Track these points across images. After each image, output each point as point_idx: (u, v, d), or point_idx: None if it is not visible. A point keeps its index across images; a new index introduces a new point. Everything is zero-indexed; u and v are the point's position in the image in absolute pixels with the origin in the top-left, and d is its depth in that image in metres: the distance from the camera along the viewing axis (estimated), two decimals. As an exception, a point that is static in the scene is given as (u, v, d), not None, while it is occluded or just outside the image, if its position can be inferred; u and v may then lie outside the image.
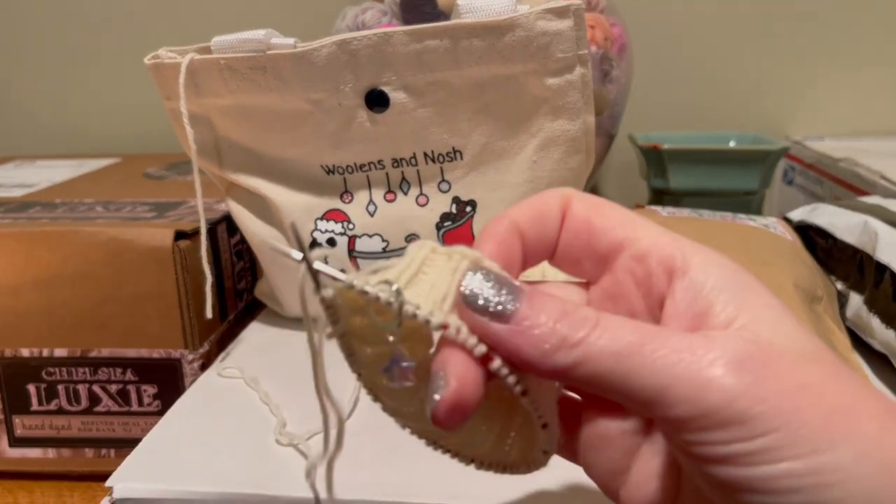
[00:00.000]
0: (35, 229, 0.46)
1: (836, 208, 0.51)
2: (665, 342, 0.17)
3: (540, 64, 0.41)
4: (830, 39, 0.78)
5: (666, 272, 0.20)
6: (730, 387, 0.16)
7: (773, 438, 0.15)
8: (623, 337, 0.17)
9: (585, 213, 0.21)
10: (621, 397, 0.18)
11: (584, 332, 0.18)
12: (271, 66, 0.41)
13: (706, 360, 0.16)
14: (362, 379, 0.22)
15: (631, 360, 0.17)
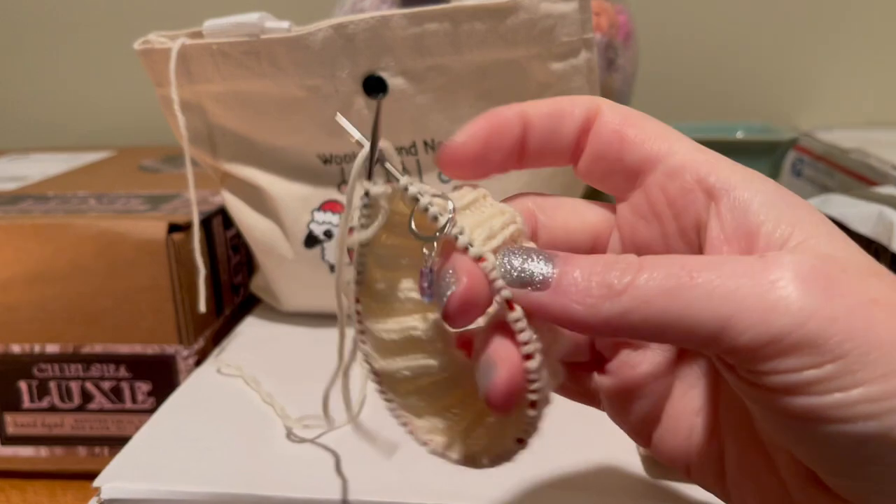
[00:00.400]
0: (25, 222, 0.45)
1: (849, 198, 0.50)
2: (720, 269, 0.16)
3: (544, 48, 0.39)
4: (840, 29, 0.77)
5: (704, 190, 0.19)
6: (799, 307, 0.15)
7: (848, 362, 0.14)
8: (673, 273, 0.16)
9: (618, 123, 0.20)
10: (680, 337, 0.16)
11: (629, 276, 0.16)
12: (265, 52, 0.40)
13: (769, 281, 0.15)
14: (360, 316, 0.21)
15: (686, 294, 0.16)
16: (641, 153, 0.20)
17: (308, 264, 0.46)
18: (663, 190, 0.20)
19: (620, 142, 0.20)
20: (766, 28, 0.78)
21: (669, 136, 0.20)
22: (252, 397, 0.39)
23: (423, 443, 0.21)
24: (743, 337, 0.15)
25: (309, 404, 0.38)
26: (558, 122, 0.20)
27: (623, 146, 0.20)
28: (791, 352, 0.15)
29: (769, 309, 0.15)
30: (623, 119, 0.20)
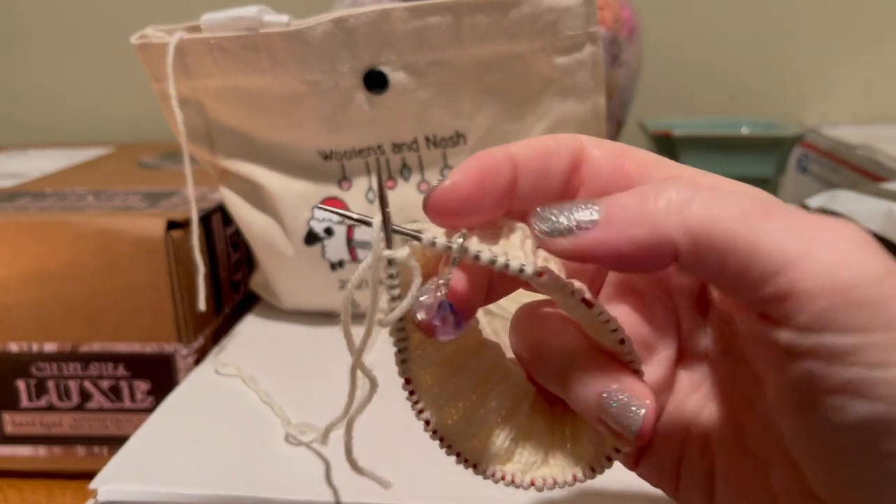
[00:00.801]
0: (23, 220, 0.45)
1: (857, 195, 0.49)
2: (793, 214, 0.16)
3: (547, 42, 0.39)
4: (845, 24, 0.77)
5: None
6: (866, 267, 0.14)
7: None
8: (744, 202, 0.16)
9: (613, 159, 0.20)
10: (739, 268, 0.15)
11: (689, 191, 0.16)
12: (264, 46, 0.40)
13: (840, 237, 0.15)
14: (415, 397, 0.20)
15: (761, 223, 0.15)
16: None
17: (308, 262, 0.45)
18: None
19: (625, 177, 0.20)
20: (771, 23, 0.77)
21: (666, 163, 0.20)
22: (251, 397, 0.39)
23: (529, 485, 0.21)
24: (804, 281, 0.15)
25: (308, 404, 0.38)
26: (547, 162, 0.20)
27: (630, 181, 0.20)
28: (848, 308, 0.14)
29: (838, 260, 0.15)
30: (616, 154, 0.20)
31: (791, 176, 0.76)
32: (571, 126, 0.41)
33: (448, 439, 0.21)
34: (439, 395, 0.20)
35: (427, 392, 0.20)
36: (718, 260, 0.16)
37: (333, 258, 0.45)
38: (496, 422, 0.21)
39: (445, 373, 0.20)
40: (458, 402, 0.21)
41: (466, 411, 0.21)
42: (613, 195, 0.17)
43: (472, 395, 0.21)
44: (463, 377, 0.20)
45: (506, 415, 0.21)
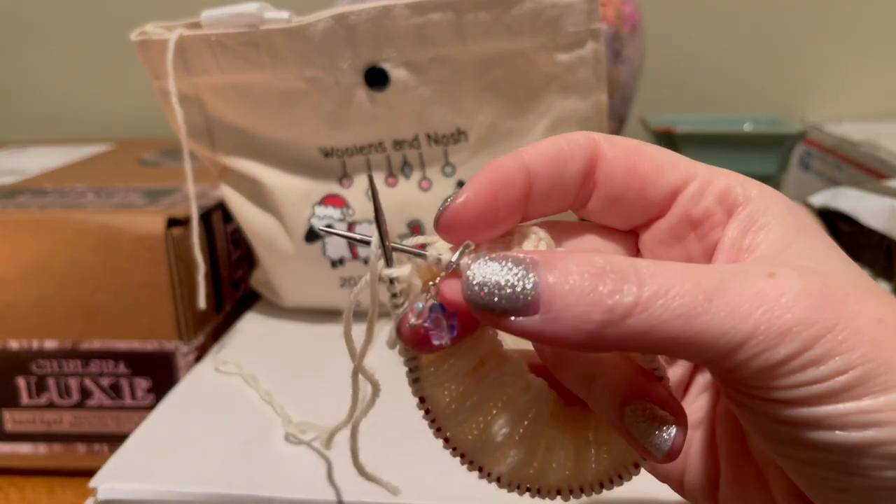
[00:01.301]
0: (22, 217, 0.44)
1: (861, 192, 0.49)
2: (732, 292, 0.15)
3: (549, 38, 0.39)
4: (849, 20, 0.76)
5: (726, 209, 0.19)
6: (809, 331, 0.15)
7: (852, 376, 0.15)
8: (684, 293, 0.15)
9: (627, 159, 0.20)
10: (689, 356, 0.16)
11: (631, 295, 0.15)
12: (265, 42, 0.39)
13: (781, 305, 0.15)
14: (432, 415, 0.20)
15: (700, 319, 0.15)
16: (664, 187, 0.19)
17: (309, 259, 0.45)
18: (686, 215, 0.19)
19: (638, 179, 0.19)
20: (774, 19, 0.77)
21: (680, 162, 0.20)
22: (251, 395, 0.39)
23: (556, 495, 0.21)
24: (752, 361, 0.15)
25: (309, 402, 0.37)
26: (561, 167, 0.19)
27: (643, 183, 0.19)
28: (798, 371, 0.15)
29: (783, 333, 0.15)
30: (630, 153, 0.20)
31: (794, 173, 0.76)
32: (573, 123, 0.41)
33: (469, 455, 0.20)
34: (458, 411, 0.20)
35: (444, 409, 0.20)
36: (666, 353, 0.16)
37: (334, 256, 0.45)
38: (518, 434, 0.20)
39: (463, 389, 0.20)
40: (478, 416, 0.20)
41: (487, 426, 0.20)
42: (558, 279, 0.16)
43: (492, 409, 0.20)
44: (482, 392, 0.20)
45: (528, 426, 0.20)
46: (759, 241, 0.18)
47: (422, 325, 0.17)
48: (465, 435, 0.20)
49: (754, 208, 0.18)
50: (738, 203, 0.18)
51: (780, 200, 0.18)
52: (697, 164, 0.20)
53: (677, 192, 0.19)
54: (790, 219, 0.18)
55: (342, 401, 0.37)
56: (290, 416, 0.36)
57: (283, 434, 0.35)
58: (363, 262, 0.45)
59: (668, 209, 0.20)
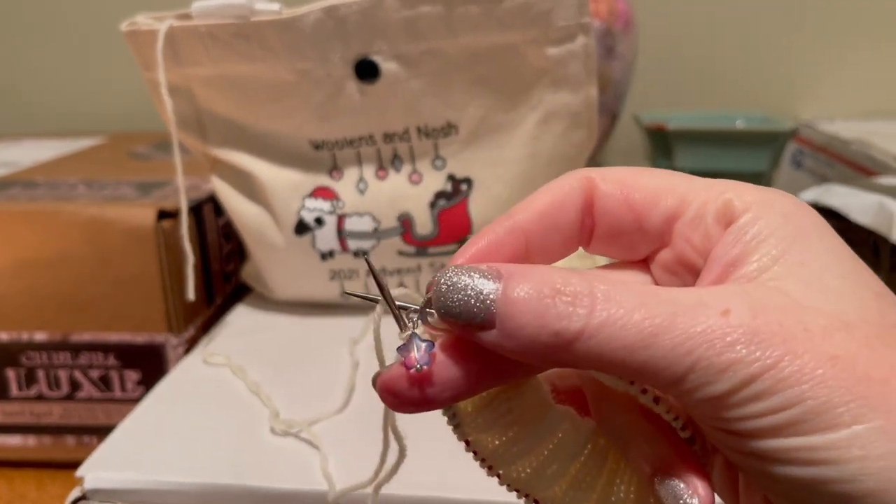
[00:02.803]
0: (13, 209, 0.44)
1: (850, 189, 0.49)
2: (678, 327, 0.16)
3: (540, 32, 0.39)
4: (841, 19, 0.77)
5: (724, 226, 0.18)
6: (752, 369, 0.15)
7: (794, 412, 0.15)
8: (631, 324, 0.16)
9: (620, 194, 0.19)
10: (638, 381, 0.17)
11: (579, 321, 0.16)
12: (255, 34, 0.39)
13: (724, 343, 0.15)
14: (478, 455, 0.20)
15: (645, 352, 0.16)
16: (659, 216, 0.19)
17: (299, 252, 0.45)
18: (689, 241, 0.19)
19: (633, 212, 0.19)
20: (767, 17, 0.77)
21: (675, 185, 0.19)
22: (239, 387, 0.39)
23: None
24: (694, 394, 0.16)
25: (297, 394, 0.37)
26: (554, 219, 0.19)
27: (638, 216, 0.19)
28: (741, 405, 0.15)
29: (724, 369, 0.15)
30: (623, 187, 0.19)
31: (786, 171, 0.76)
32: (564, 117, 0.41)
33: (524, 490, 0.20)
34: (506, 453, 0.20)
35: (493, 451, 0.20)
36: (619, 376, 0.17)
37: (324, 248, 0.45)
38: (574, 470, 0.20)
39: (509, 434, 0.20)
40: (529, 457, 0.20)
41: (540, 465, 0.20)
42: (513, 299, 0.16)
43: (543, 452, 0.20)
44: (529, 438, 0.20)
45: (584, 462, 0.20)
46: (746, 256, 0.17)
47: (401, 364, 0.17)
48: (518, 473, 0.20)
49: (746, 220, 0.18)
50: (736, 216, 0.18)
51: (777, 208, 0.18)
52: (693, 183, 0.19)
53: (674, 219, 0.19)
54: (785, 230, 0.17)
55: (330, 392, 0.37)
56: (278, 408, 0.36)
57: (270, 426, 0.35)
58: (353, 254, 0.45)
59: (670, 237, 0.19)
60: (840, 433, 0.15)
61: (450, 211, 0.43)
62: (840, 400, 0.15)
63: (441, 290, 0.17)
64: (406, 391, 0.17)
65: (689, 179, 0.19)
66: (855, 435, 0.15)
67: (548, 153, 0.42)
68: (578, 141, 0.42)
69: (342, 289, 0.46)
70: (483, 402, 0.19)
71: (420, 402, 0.17)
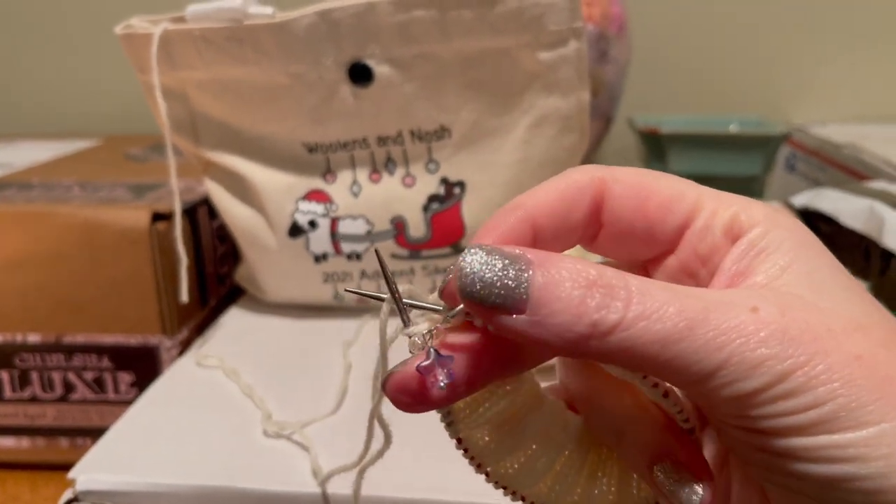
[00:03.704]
0: (8, 210, 0.44)
1: (841, 193, 0.49)
2: (711, 323, 0.16)
3: (532, 37, 0.39)
4: (835, 23, 0.77)
5: (731, 239, 0.19)
6: (782, 366, 0.15)
7: (823, 411, 0.15)
8: (666, 318, 0.16)
9: (634, 198, 0.19)
10: (665, 378, 0.17)
11: (616, 312, 0.16)
12: (249, 37, 0.40)
13: (757, 339, 0.16)
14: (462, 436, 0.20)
15: (677, 346, 0.16)
16: (671, 225, 0.19)
17: (292, 254, 0.45)
18: (695, 251, 0.19)
19: (646, 219, 0.19)
20: (760, 21, 0.77)
21: (687, 193, 0.19)
22: (232, 389, 0.39)
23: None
24: (723, 391, 0.16)
25: (290, 396, 0.38)
26: (565, 214, 0.19)
27: (650, 223, 0.19)
28: (768, 403, 0.16)
29: (755, 366, 0.15)
30: (638, 192, 0.19)
31: (779, 174, 0.77)
32: (555, 121, 0.41)
33: (512, 486, 0.21)
34: (497, 450, 0.20)
35: (483, 449, 0.20)
36: (642, 371, 0.17)
37: (317, 251, 0.45)
38: (559, 465, 0.21)
39: (502, 430, 0.20)
40: (518, 453, 0.21)
41: (527, 459, 0.21)
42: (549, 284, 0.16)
43: (531, 444, 0.21)
44: (521, 433, 0.20)
45: (568, 456, 0.21)
46: (756, 266, 0.18)
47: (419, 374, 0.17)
48: (506, 469, 0.21)
49: (755, 234, 0.18)
50: (743, 231, 0.18)
51: (784, 224, 0.18)
52: (703, 192, 0.19)
53: (684, 229, 0.19)
54: (790, 243, 0.18)
55: (322, 395, 0.38)
56: (271, 410, 0.36)
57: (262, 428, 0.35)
58: (346, 257, 0.45)
59: (677, 246, 0.20)
60: (868, 431, 0.15)
61: (443, 214, 0.43)
62: (868, 398, 0.15)
63: (467, 270, 0.16)
64: (419, 392, 0.17)
65: (698, 188, 0.19)
66: (883, 432, 0.15)
67: (540, 157, 0.42)
68: (570, 145, 0.42)
69: (335, 291, 0.46)
70: (477, 398, 0.19)
71: (431, 402, 0.17)
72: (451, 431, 0.20)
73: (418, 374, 0.17)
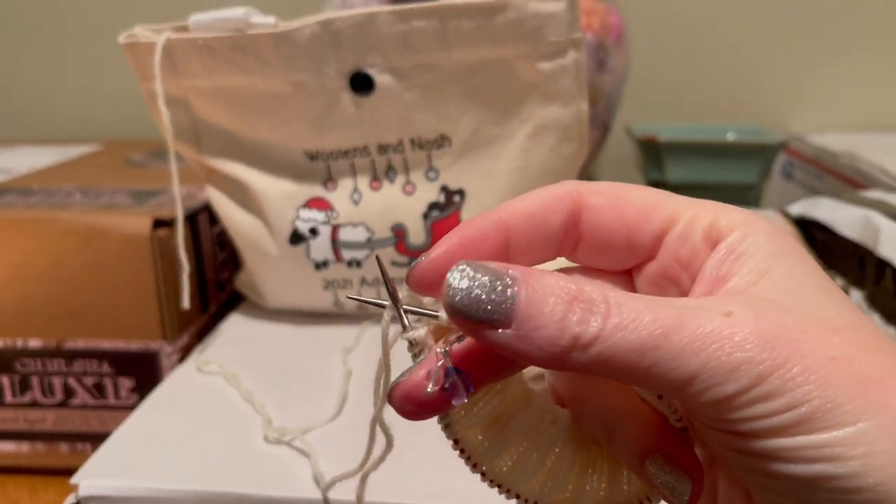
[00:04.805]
0: (8, 216, 0.45)
1: (837, 202, 0.50)
2: (686, 328, 0.16)
3: (532, 47, 0.39)
4: (831, 32, 0.77)
5: (711, 245, 0.19)
6: (758, 370, 0.16)
7: (800, 412, 0.15)
8: (642, 326, 0.16)
9: (611, 208, 0.20)
10: (646, 386, 0.17)
11: (596, 324, 0.16)
12: (251, 46, 0.40)
13: (732, 343, 0.16)
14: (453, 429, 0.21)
15: (655, 353, 0.16)
16: (649, 232, 0.20)
17: (293, 261, 0.45)
18: (675, 257, 0.20)
19: (624, 227, 0.20)
20: (757, 30, 0.78)
21: (664, 202, 0.20)
22: (233, 395, 0.39)
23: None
24: (704, 395, 0.16)
25: (290, 402, 0.38)
26: (541, 221, 0.20)
27: (628, 230, 0.20)
28: (748, 405, 0.16)
29: (732, 370, 0.16)
30: (614, 201, 0.20)
31: (776, 182, 0.77)
32: (554, 130, 0.42)
33: (506, 485, 0.21)
34: (490, 448, 0.21)
35: (478, 447, 0.21)
36: (620, 381, 0.17)
37: (318, 258, 0.45)
38: (550, 461, 0.21)
39: (493, 428, 0.21)
40: (511, 450, 0.21)
41: (520, 457, 0.21)
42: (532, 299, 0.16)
43: (523, 442, 0.21)
44: (512, 430, 0.21)
45: (559, 453, 0.21)
46: (734, 271, 0.18)
47: (439, 389, 0.17)
48: (501, 467, 0.21)
49: (734, 238, 0.18)
50: (722, 235, 0.19)
51: (762, 228, 0.19)
52: (682, 201, 0.20)
53: (663, 235, 0.20)
54: (769, 247, 0.18)
55: (322, 401, 0.38)
56: (271, 416, 0.36)
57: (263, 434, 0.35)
58: (347, 264, 0.45)
59: (657, 252, 0.20)
60: (845, 430, 0.15)
61: (443, 222, 0.44)
62: (844, 398, 0.15)
63: (454, 286, 0.16)
64: (427, 401, 0.18)
65: (675, 197, 0.20)
66: (860, 432, 0.15)
67: (539, 166, 0.42)
68: (569, 154, 0.43)
69: (335, 298, 0.46)
70: (472, 398, 0.20)
71: (437, 410, 0.18)
72: (448, 433, 0.20)
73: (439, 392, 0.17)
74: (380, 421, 0.22)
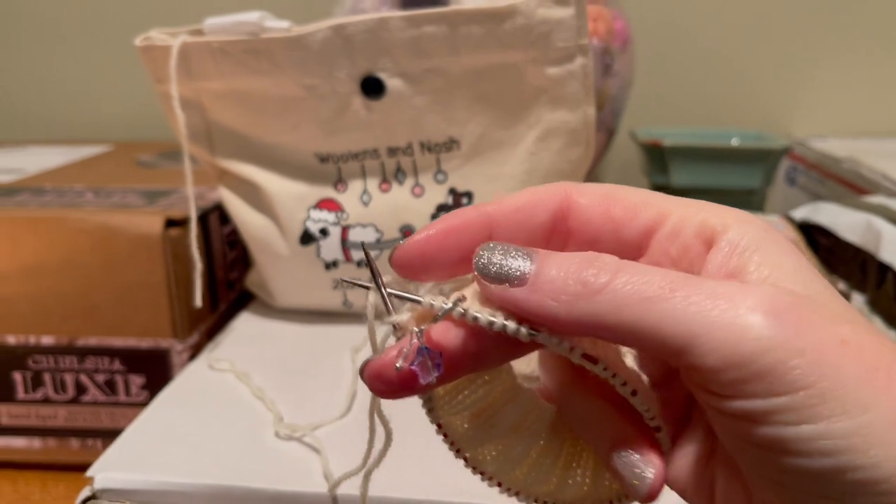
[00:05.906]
0: (21, 215, 0.45)
1: (839, 207, 0.50)
2: (698, 287, 0.16)
3: (540, 53, 0.40)
4: (835, 38, 0.78)
5: (704, 241, 0.19)
6: (767, 335, 0.15)
7: (809, 394, 0.15)
8: (652, 281, 0.16)
9: (599, 205, 0.20)
10: (650, 346, 0.17)
11: (606, 276, 0.17)
12: (265, 50, 0.41)
13: (743, 307, 0.16)
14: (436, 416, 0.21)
15: (662, 305, 0.16)
16: (638, 228, 0.20)
17: (303, 262, 0.46)
18: (666, 253, 0.20)
19: (612, 223, 0.20)
20: (761, 36, 0.78)
21: (653, 201, 0.20)
22: (244, 392, 0.40)
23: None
24: (707, 357, 0.16)
25: (299, 399, 0.38)
26: (527, 215, 0.20)
27: (617, 226, 0.20)
28: (754, 378, 0.15)
29: (737, 334, 0.15)
30: (602, 199, 0.20)
31: (780, 187, 0.78)
32: (562, 134, 0.42)
33: (489, 473, 0.22)
34: (475, 436, 0.21)
35: (463, 434, 0.21)
36: (630, 342, 0.17)
37: (328, 258, 0.46)
38: (535, 454, 0.22)
39: (480, 417, 0.21)
40: (496, 440, 0.21)
41: (505, 448, 0.21)
42: (554, 255, 0.18)
43: (508, 433, 0.21)
44: (498, 421, 0.21)
45: (543, 446, 0.22)
46: (743, 264, 0.18)
47: (409, 367, 0.18)
48: (485, 455, 0.21)
49: (734, 234, 0.18)
50: (717, 233, 0.19)
51: (757, 225, 0.19)
52: (672, 201, 0.20)
53: (652, 232, 0.20)
54: (770, 242, 0.18)
55: (332, 398, 0.38)
56: (281, 413, 0.37)
57: (274, 430, 0.36)
58: (356, 264, 0.46)
59: (646, 249, 0.20)
60: (856, 420, 0.15)
61: (450, 223, 0.44)
62: (854, 384, 0.15)
63: (483, 252, 0.18)
64: (394, 378, 0.18)
65: (663, 196, 0.20)
66: (870, 422, 0.15)
67: (545, 169, 0.43)
68: (576, 158, 0.43)
69: (345, 297, 0.47)
70: (457, 386, 0.20)
71: (406, 388, 0.18)
72: (431, 417, 0.21)
73: (393, 359, 0.18)
74: (378, 411, 0.22)
